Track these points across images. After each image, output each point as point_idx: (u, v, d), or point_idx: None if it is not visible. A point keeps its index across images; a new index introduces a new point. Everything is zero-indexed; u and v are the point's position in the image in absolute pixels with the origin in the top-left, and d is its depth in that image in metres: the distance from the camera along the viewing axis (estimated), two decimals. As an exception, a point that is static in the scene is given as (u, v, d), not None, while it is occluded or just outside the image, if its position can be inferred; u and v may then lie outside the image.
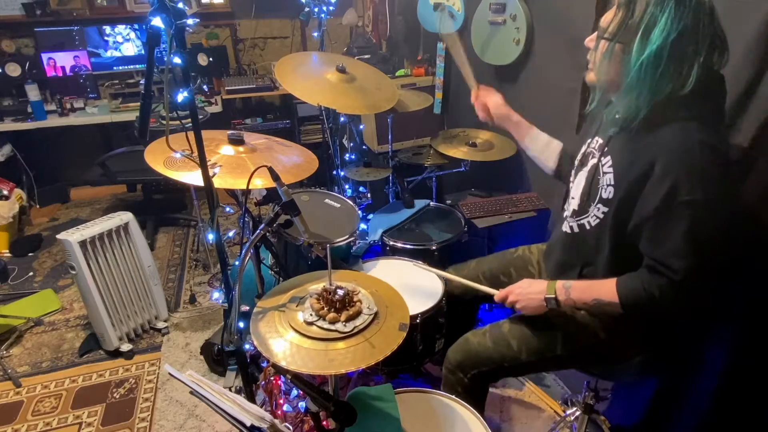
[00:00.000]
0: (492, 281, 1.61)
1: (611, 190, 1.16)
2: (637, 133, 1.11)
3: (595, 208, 1.21)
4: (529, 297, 1.29)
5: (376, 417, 1.26)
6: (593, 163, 1.24)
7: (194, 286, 2.85)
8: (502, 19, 2.21)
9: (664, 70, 1.02)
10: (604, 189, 1.18)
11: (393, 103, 2.10)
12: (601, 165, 1.20)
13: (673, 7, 1.00)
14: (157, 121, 2.80)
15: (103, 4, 3.55)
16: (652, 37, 1.01)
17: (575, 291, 1.22)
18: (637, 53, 1.03)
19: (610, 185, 1.16)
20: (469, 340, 1.43)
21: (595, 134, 1.29)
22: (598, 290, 1.18)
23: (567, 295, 1.23)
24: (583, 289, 1.21)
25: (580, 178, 1.30)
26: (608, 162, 1.18)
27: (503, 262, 1.64)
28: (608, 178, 1.17)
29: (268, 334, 1.17)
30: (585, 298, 1.20)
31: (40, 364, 2.30)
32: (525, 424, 1.94)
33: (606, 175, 1.18)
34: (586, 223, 1.25)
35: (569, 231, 1.31)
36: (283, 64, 2.03)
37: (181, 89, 1.18)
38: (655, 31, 1.01)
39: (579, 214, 1.27)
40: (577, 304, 1.23)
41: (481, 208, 2.15)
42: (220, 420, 1.94)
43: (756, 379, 1.31)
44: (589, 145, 1.31)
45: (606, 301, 1.16)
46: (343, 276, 1.39)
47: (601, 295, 1.17)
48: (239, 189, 1.46)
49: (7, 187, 3.26)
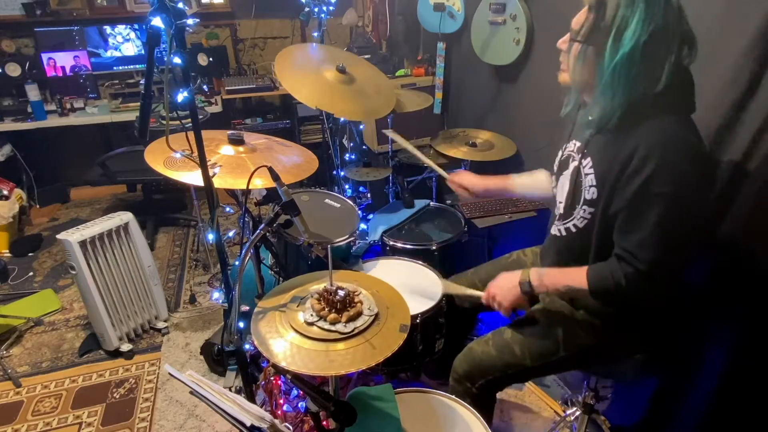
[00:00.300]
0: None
1: (594, 190, 1.17)
2: (615, 132, 1.12)
3: (580, 210, 1.22)
4: (505, 287, 1.32)
5: (376, 417, 1.26)
6: (574, 166, 1.25)
7: (194, 286, 2.85)
8: (502, 19, 2.21)
9: (637, 72, 1.03)
10: (587, 190, 1.19)
11: (390, 108, 2.10)
12: (582, 167, 1.21)
13: (643, 9, 1.01)
14: (157, 121, 2.80)
15: (103, 4, 3.55)
16: (623, 39, 1.02)
17: (548, 277, 1.26)
18: (610, 56, 1.04)
19: (593, 186, 1.17)
20: (473, 349, 1.43)
21: (570, 137, 1.30)
22: (570, 277, 1.22)
23: (540, 280, 1.26)
24: (556, 275, 1.25)
25: (562, 181, 1.31)
26: (589, 163, 1.19)
27: (498, 267, 1.64)
28: (590, 179, 1.18)
29: (269, 334, 1.17)
30: (557, 284, 1.24)
31: (40, 364, 2.30)
32: (525, 424, 1.94)
33: (588, 176, 1.19)
34: (572, 226, 1.26)
35: (558, 234, 1.32)
36: (284, 56, 2.03)
37: (181, 89, 1.18)
38: (626, 34, 1.02)
39: (565, 218, 1.28)
40: (550, 290, 1.26)
41: (481, 208, 2.15)
42: (220, 420, 1.94)
43: (756, 379, 1.31)
44: (566, 149, 1.32)
45: (576, 287, 1.20)
46: (344, 276, 1.39)
47: (572, 282, 1.21)
48: (239, 189, 1.46)
49: (7, 187, 3.26)
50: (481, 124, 2.54)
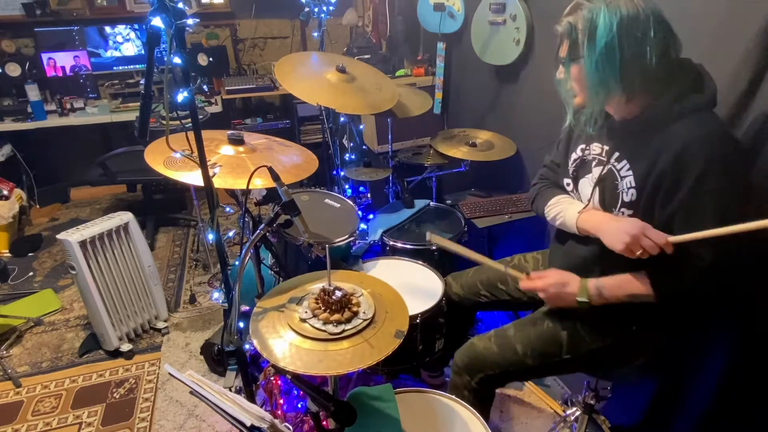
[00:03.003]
0: (490, 289, 1.64)
1: (633, 192, 1.16)
2: (647, 134, 1.13)
3: (618, 213, 1.20)
4: (561, 297, 1.29)
5: (376, 417, 1.26)
6: (606, 169, 1.23)
7: (194, 286, 2.85)
8: (502, 19, 2.21)
9: (621, 57, 1.06)
10: (625, 193, 1.18)
11: (393, 103, 2.10)
12: (616, 170, 1.20)
13: (605, 7, 1.06)
14: (157, 121, 2.80)
15: (103, 4, 3.55)
16: (597, 36, 1.07)
17: (608, 290, 1.23)
18: (590, 55, 1.09)
19: (632, 188, 1.16)
20: (474, 344, 1.43)
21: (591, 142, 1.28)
22: (633, 286, 1.19)
23: (600, 295, 1.23)
24: (616, 286, 1.22)
25: (583, 186, 1.30)
26: (625, 165, 1.18)
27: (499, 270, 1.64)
28: (628, 181, 1.17)
29: (268, 334, 1.17)
30: (618, 295, 1.22)
31: (40, 364, 2.30)
32: (525, 423, 1.94)
33: (625, 179, 1.18)
34: None
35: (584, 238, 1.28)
36: (283, 64, 2.03)
37: (181, 89, 1.18)
38: (598, 32, 1.07)
39: None
40: (610, 301, 1.24)
41: (481, 208, 2.15)
42: (220, 420, 1.94)
43: (756, 380, 1.31)
44: (585, 153, 1.30)
45: (640, 294, 1.18)
46: (347, 277, 1.39)
47: (635, 290, 1.18)
48: (239, 189, 1.46)
49: (7, 187, 3.26)
50: (481, 124, 2.54)
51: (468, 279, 1.69)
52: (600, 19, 1.06)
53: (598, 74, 1.09)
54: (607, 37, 1.06)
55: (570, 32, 1.12)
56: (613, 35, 1.05)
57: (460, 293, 1.69)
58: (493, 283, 1.63)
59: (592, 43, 1.08)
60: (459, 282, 1.71)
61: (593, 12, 1.07)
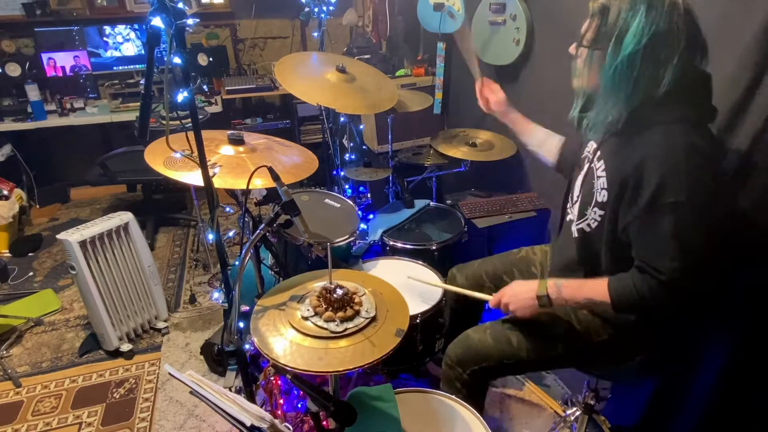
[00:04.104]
0: (495, 281, 1.62)
1: (605, 193, 1.17)
2: (626, 136, 1.12)
3: (592, 212, 1.22)
4: (520, 298, 1.29)
5: (376, 417, 1.26)
6: (588, 167, 1.26)
7: (194, 286, 2.85)
8: (502, 19, 2.21)
9: (638, 75, 1.04)
10: (599, 192, 1.19)
11: (393, 103, 2.10)
12: (595, 169, 1.22)
13: (644, 11, 1.02)
14: (157, 121, 2.80)
15: (103, 4, 3.55)
16: (625, 42, 1.03)
17: (567, 290, 1.22)
18: (611, 59, 1.06)
19: (604, 188, 1.17)
20: (469, 336, 1.43)
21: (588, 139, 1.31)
22: (591, 290, 1.19)
23: (559, 293, 1.22)
24: (575, 288, 1.22)
25: (578, 181, 1.32)
26: (602, 166, 1.20)
27: (506, 262, 1.64)
28: (602, 181, 1.18)
29: (269, 332, 1.17)
30: (577, 297, 1.21)
31: (40, 364, 2.30)
32: (525, 423, 1.94)
33: (600, 179, 1.19)
34: (585, 226, 1.26)
35: (575, 234, 1.31)
36: (283, 64, 2.03)
37: (181, 89, 1.18)
38: (627, 37, 1.03)
39: (580, 217, 1.28)
40: (569, 303, 1.23)
41: (481, 208, 2.15)
42: (220, 420, 1.94)
43: (756, 379, 1.31)
44: (584, 150, 1.33)
45: (598, 300, 1.17)
46: (349, 276, 1.39)
47: (593, 295, 1.18)
48: (239, 189, 1.46)
49: (7, 187, 3.26)
50: (481, 124, 2.54)
51: (473, 270, 1.68)
52: (635, 22, 1.02)
53: (613, 81, 1.06)
54: (633, 48, 1.02)
55: (602, 14, 1.07)
56: (639, 48, 1.02)
57: (465, 285, 1.67)
58: (499, 276, 1.62)
59: (618, 45, 1.04)
60: (464, 273, 1.69)
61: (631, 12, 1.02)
